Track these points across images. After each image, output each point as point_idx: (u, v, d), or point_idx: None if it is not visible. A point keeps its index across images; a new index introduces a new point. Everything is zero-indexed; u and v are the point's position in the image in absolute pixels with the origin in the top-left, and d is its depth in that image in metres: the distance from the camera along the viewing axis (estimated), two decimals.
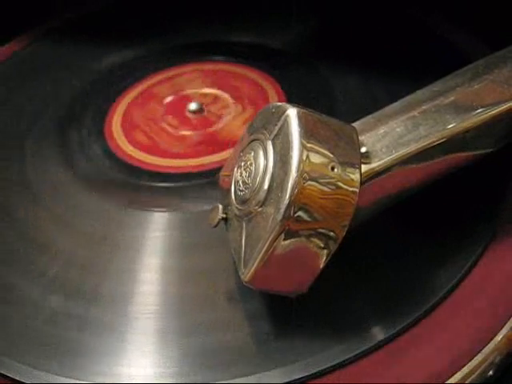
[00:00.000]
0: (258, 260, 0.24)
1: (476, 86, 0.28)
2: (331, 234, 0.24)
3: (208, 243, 0.30)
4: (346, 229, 0.24)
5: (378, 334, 0.26)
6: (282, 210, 0.23)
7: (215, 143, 0.35)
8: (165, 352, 0.26)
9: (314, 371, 0.25)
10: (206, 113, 0.37)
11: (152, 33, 0.44)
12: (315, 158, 0.23)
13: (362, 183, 0.24)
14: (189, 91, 0.39)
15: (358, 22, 0.43)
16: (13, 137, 0.38)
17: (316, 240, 0.24)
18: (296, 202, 0.23)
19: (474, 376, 0.26)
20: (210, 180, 0.32)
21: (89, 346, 0.27)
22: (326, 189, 0.23)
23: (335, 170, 0.24)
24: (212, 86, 0.39)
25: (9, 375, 0.26)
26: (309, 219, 0.23)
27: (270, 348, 0.26)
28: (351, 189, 0.24)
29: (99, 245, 0.31)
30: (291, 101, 0.25)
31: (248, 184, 0.25)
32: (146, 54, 0.43)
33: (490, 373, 0.26)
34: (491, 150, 0.29)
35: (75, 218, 0.32)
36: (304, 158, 0.23)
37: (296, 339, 0.26)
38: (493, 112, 0.27)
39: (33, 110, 0.39)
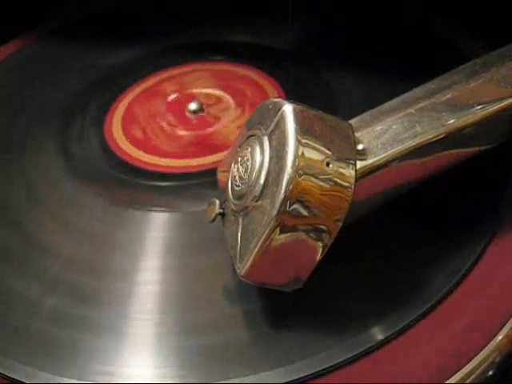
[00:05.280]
0: (253, 254, 0.24)
1: (473, 84, 0.28)
2: (326, 228, 0.24)
3: (207, 243, 0.30)
4: (340, 223, 0.24)
5: (378, 333, 0.26)
6: (277, 205, 0.23)
7: (215, 143, 0.35)
8: (163, 352, 0.26)
9: (314, 371, 0.25)
10: (205, 113, 0.37)
11: (152, 33, 0.44)
12: (310, 154, 0.24)
13: (357, 179, 0.24)
14: (188, 91, 0.39)
15: (358, 22, 0.43)
16: (13, 136, 0.38)
17: (311, 234, 0.24)
18: (291, 197, 0.23)
19: (474, 376, 0.26)
20: (209, 180, 0.32)
21: (88, 345, 0.27)
22: (321, 184, 0.24)
23: (330, 165, 0.24)
24: (212, 86, 0.39)
25: (8, 375, 0.26)
26: (304, 214, 0.23)
27: (269, 348, 0.26)
28: (346, 184, 0.24)
29: (99, 245, 0.31)
30: None
31: (244, 179, 0.25)
32: (145, 54, 0.43)
33: (490, 373, 0.26)
34: (488, 147, 0.29)
35: (75, 218, 0.32)
36: (299, 153, 0.23)
37: (295, 339, 0.26)
38: (489, 110, 0.27)
39: (33, 110, 0.39)
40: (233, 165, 0.27)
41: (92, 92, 0.40)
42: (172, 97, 0.39)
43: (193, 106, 0.37)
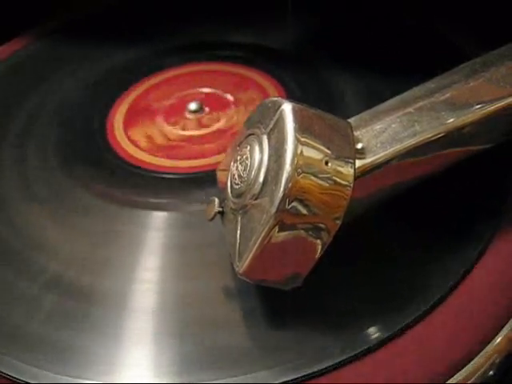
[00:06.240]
0: (252, 252, 0.24)
1: (472, 84, 0.28)
2: (325, 226, 0.24)
3: (206, 242, 0.30)
4: (339, 221, 0.24)
5: (377, 333, 0.26)
6: (276, 203, 0.23)
7: (215, 143, 0.35)
8: (162, 351, 0.26)
9: (313, 371, 0.25)
10: (205, 113, 0.37)
11: (152, 33, 0.44)
12: (309, 153, 0.24)
13: (356, 178, 0.24)
14: (189, 91, 0.39)
15: (358, 22, 0.43)
16: (12, 136, 0.38)
17: (310, 232, 0.24)
18: (290, 195, 0.23)
19: (474, 376, 0.26)
20: (208, 179, 0.32)
21: (88, 344, 0.27)
22: (319, 182, 0.24)
23: (329, 164, 0.24)
24: (212, 86, 0.39)
25: (7, 373, 0.26)
26: (302, 212, 0.23)
27: (268, 347, 0.26)
28: (344, 183, 0.24)
29: (98, 244, 0.31)
30: None
31: (243, 178, 0.25)
32: (145, 54, 0.43)
33: (491, 373, 0.26)
34: (488, 146, 0.29)
35: (74, 218, 0.32)
36: (298, 151, 0.23)
37: (294, 338, 0.26)
38: (488, 109, 0.27)
39: (33, 110, 0.39)
40: (232, 163, 0.27)
41: (92, 92, 0.40)
42: (172, 97, 0.39)
43: (193, 106, 0.37)
